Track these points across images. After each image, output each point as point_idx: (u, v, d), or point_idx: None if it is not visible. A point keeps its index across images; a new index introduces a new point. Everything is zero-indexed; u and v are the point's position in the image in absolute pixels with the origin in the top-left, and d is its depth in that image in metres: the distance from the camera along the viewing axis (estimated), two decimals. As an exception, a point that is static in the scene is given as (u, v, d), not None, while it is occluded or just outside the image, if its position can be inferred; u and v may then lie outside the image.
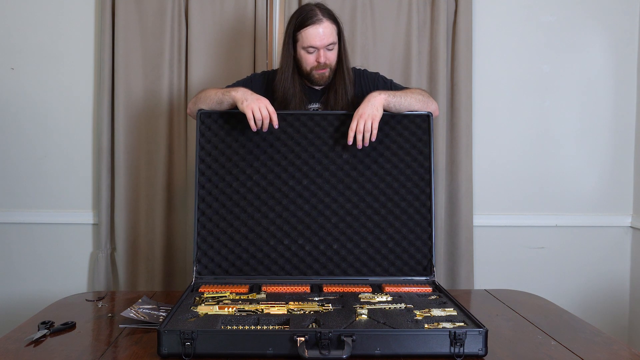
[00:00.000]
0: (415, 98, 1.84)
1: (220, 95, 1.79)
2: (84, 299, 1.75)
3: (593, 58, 2.59)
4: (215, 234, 1.74)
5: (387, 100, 1.77)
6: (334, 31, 1.86)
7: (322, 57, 1.85)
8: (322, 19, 1.84)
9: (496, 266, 2.60)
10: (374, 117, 1.72)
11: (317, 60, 1.86)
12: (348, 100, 1.91)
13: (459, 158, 2.49)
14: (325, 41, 1.84)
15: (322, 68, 1.87)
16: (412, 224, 1.77)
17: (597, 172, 2.62)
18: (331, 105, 1.91)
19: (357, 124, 1.72)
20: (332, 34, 1.85)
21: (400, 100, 1.80)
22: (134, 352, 1.30)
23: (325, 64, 1.86)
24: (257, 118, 1.71)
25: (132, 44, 2.44)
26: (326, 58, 1.86)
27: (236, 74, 2.39)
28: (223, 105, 1.79)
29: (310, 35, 1.83)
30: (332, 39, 1.85)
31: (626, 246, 2.64)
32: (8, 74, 2.49)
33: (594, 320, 2.14)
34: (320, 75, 1.89)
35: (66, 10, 2.49)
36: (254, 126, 1.72)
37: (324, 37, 1.83)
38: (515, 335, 1.44)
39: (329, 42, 1.85)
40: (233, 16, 2.45)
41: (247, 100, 1.73)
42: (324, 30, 1.83)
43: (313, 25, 1.83)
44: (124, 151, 2.45)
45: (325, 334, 1.23)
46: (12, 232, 2.53)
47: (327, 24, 1.84)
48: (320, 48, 1.84)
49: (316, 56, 1.86)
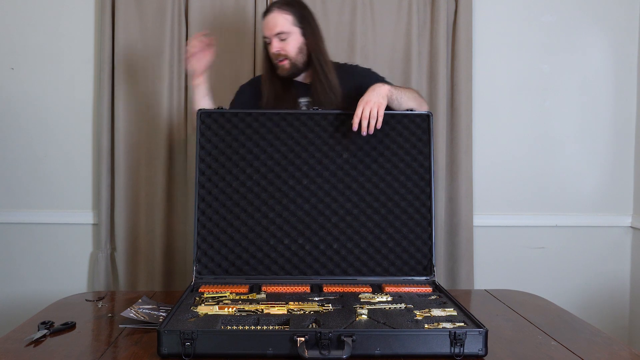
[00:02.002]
0: (411, 96, 1.85)
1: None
2: (84, 299, 1.74)
3: (593, 58, 2.59)
4: (215, 233, 1.74)
5: (390, 92, 1.77)
6: (287, 21, 1.85)
7: (273, 47, 1.86)
8: (272, 9, 1.87)
9: (496, 266, 2.60)
10: (379, 105, 1.71)
11: (272, 50, 1.87)
12: (335, 95, 1.89)
13: (459, 158, 2.49)
14: (274, 30, 1.85)
15: (280, 59, 1.87)
16: (412, 224, 1.77)
17: (597, 172, 2.62)
18: (319, 98, 1.90)
19: (362, 110, 1.71)
20: (281, 23, 1.84)
21: (401, 95, 1.81)
22: (134, 352, 1.30)
23: (279, 53, 1.86)
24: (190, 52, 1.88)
25: (132, 44, 2.44)
26: (278, 47, 1.85)
27: (236, 74, 2.40)
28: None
29: (263, 26, 1.89)
30: (280, 28, 1.84)
31: (626, 246, 2.64)
32: (8, 74, 2.49)
33: (594, 320, 2.13)
34: (281, 67, 1.89)
35: (66, 10, 2.49)
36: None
37: (272, 26, 1.85)
38: (515, 336, 1.43)
39: (278, 31, 1.84)
40: (233, 16, 2.45)
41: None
42: (272, 19, 1.85)
43: (265, 16, 1.89)
44: (124, 151, 2.45)
45: (325, 334, 1.23)
46: (12, 232, 2.53)
47: (276, 13, 1.85)
48: (271, 37, 1.86)
49: (271, 46, 1.87)
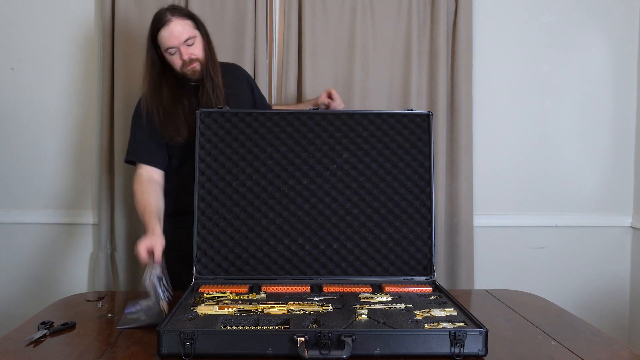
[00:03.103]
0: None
1: (141, 218, 1.76)
2: (84, 299, 1.74)
3: (593, 58, 2.59)
4: (215, 233, 1.74)
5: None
6: (189, 25, 1.87)
7: (185, 54, 1.86)
8: (170, 19, 1.85)
9: (496, 266, 2.59)
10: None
11: (182, 58, 1.87)
12: (219, 95, 1.91)
13: (459, 158, 2.49)
14: (181, 38, 1.85)
15: (190, 63, 1.88)
16: (412, 224, 1.77)
17: (597, 172, 2.62)
18: (209, 99, 1.90)
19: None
20: (185, 29, 1.85)
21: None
22: (133, 352, 1.30)
23: (190, 59, 1.87)
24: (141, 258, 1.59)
25: (132, 44, 2.43)
26: (189, 54, 1.87)
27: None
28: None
29: (164, 37, 1.86)
30: (187, 34, 1.86)
31: (626, 246, 2.64)
32: (8, 74, 2.49)
33: (594, 320, 2.13)
34: (192, 70, 1.89)
35: (66, 10, 2.48)
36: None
37: (178, 34, 1.85)
38: (515, 336, 1.43)
39: (186, 37, 1.85)
40: (233, 16, 2.45)
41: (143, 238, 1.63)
42: (175, 29, 1.85)
43: (164, 27, 1.86)
44: (124, 151, 2.44)
45: (325, 334, 1.23)
46: (12, 232, 2.53)
47: (178, 21, 1.85)
48: (179, 46, 1.86)
49: (179, 55, 1.87)
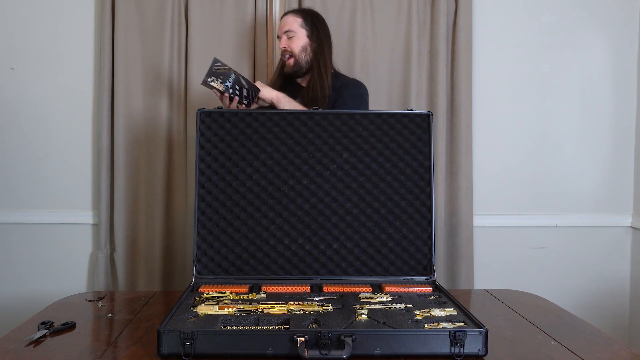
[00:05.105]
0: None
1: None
2: (84, 299, 1.74)
3: (593, 58, 2.59)
4: (215, 233, 1.74)
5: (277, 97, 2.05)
6: (296, 22, 2.08)
7: (282, 44, 2.09)
8: (287, 13, 2.14)
9: (496, 266, 2.60)
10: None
11: (280, 46, 2.11)
12: (326, 101, 2.02)
13: (459, 158, 2.49)
14: (284, 28, 2.09)
15: (286, 56, 2.10)
16: (412, 224, 1.77)
17: (597, 172, 2.62)
18: (305, 100, 2.03)
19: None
20: (290, 22, 2.08)
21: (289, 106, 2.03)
22: (133, 352, 1.30)
23: (285, 49, 2.09)
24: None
25: (132, 44, 2.44)
26: (284, 44, 2.08)
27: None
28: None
29: (278, 28, 2.18)
30: (289, 27, 2.08)
31: (626, 246, 2.64)
32: (8, 74, 2.49)
33: (594, 320, 2.13)
34: (287, 64, 2.11)
35: (66, 10, 2.49)
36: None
37: (283, 25, 2.10)
38: (515, 335, 1.43)
39: (286, 29, 2.08)
40: (233, 16, 2.45)
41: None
42: (284, 20, 2.11)
43: (281, 19, 2.16)
44: (124, 151, 2.45)
45: (325, 334, 1.23)
46: (12, 232, 2.53)
47: (289, 15, 2.11)
48: (281, 35, 2.10)
49: (279, 43, 2.11)
